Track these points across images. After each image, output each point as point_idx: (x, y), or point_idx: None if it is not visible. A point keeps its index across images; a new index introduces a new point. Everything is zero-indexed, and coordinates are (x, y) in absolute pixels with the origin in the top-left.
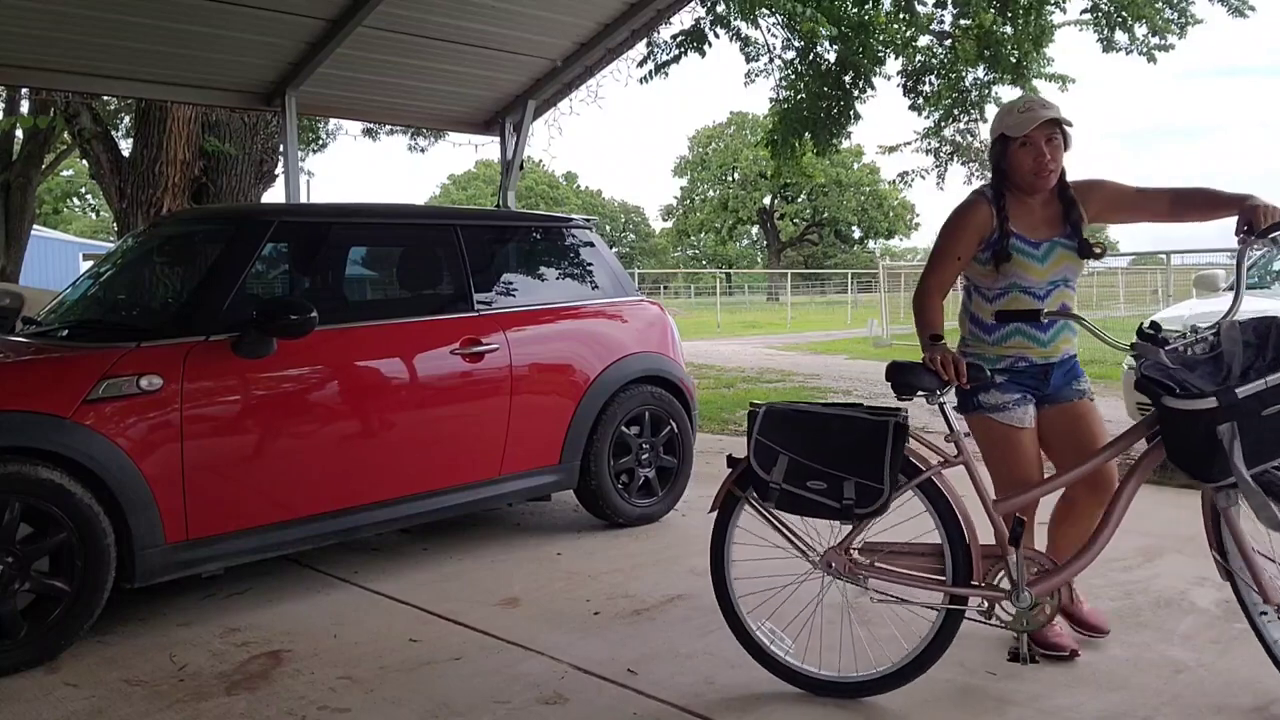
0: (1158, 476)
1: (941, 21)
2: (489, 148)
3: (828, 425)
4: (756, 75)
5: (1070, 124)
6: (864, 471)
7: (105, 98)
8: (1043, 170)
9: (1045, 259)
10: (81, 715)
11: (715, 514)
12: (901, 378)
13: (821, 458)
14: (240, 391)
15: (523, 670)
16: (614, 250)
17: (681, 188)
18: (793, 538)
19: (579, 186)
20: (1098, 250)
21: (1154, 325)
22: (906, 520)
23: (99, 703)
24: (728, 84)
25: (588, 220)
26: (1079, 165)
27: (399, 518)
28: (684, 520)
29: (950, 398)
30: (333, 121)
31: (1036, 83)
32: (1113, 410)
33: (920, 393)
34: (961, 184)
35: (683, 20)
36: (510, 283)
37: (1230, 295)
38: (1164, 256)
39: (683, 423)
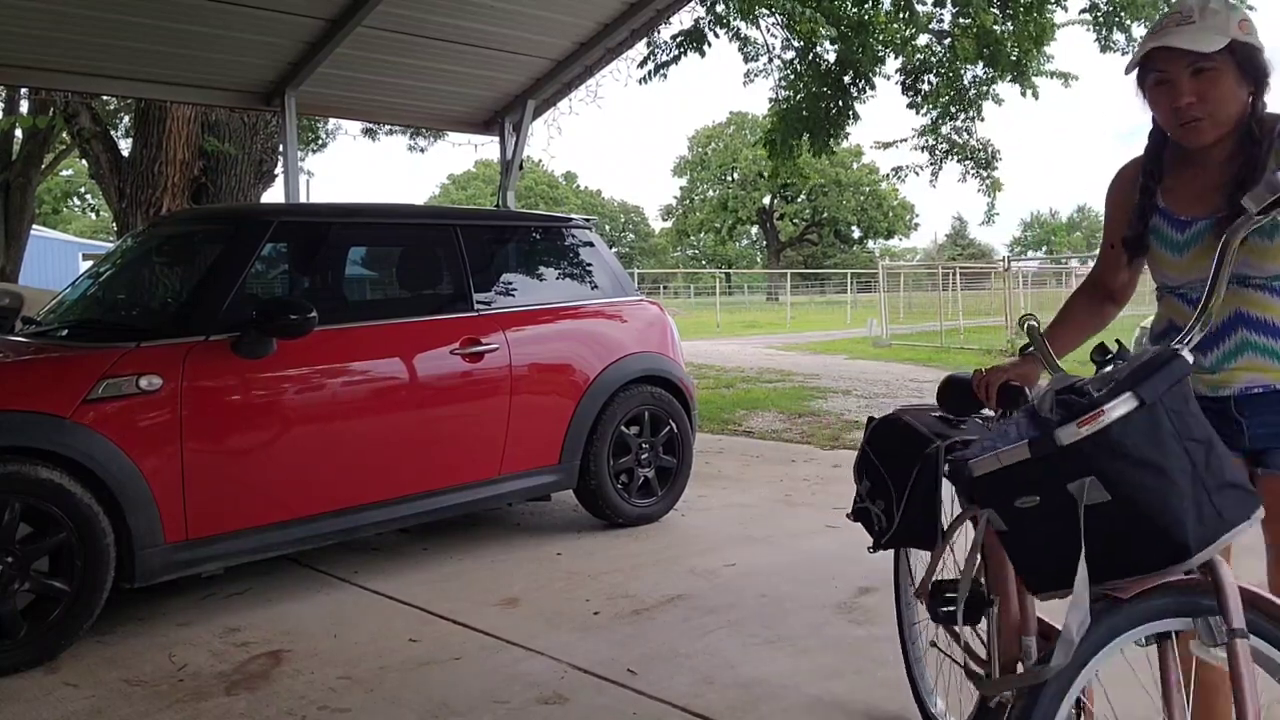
0: None
1: (941, 20)
2: (489, 148)
3: (901, 437)
4: (756, 75)
5: (1216, 48)
6: (893, 497)
7: (105, 98)
8: (1186, 118)
9: (1187, 247)
10: (81, 715)
11: None
12: (946, 397)
13: (887, 473)
14: (240, 391)
15: (523, 670)
16: (613, 250)
17: (681, 188)
18: (904, 563)
19: (578, 186)
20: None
21: (1119, 344)
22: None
23: (99, 703)
24: (728, 84)
25: (587, 220)
26: (1076, 165)
27: (399, 518)
28: (684, 520)
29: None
30: (332, 121)
31: (1038, 80)
32: None
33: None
34: (956, 181)
35: (682, 20)
36: (510, 283)
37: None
38: None
39: (682, 423)
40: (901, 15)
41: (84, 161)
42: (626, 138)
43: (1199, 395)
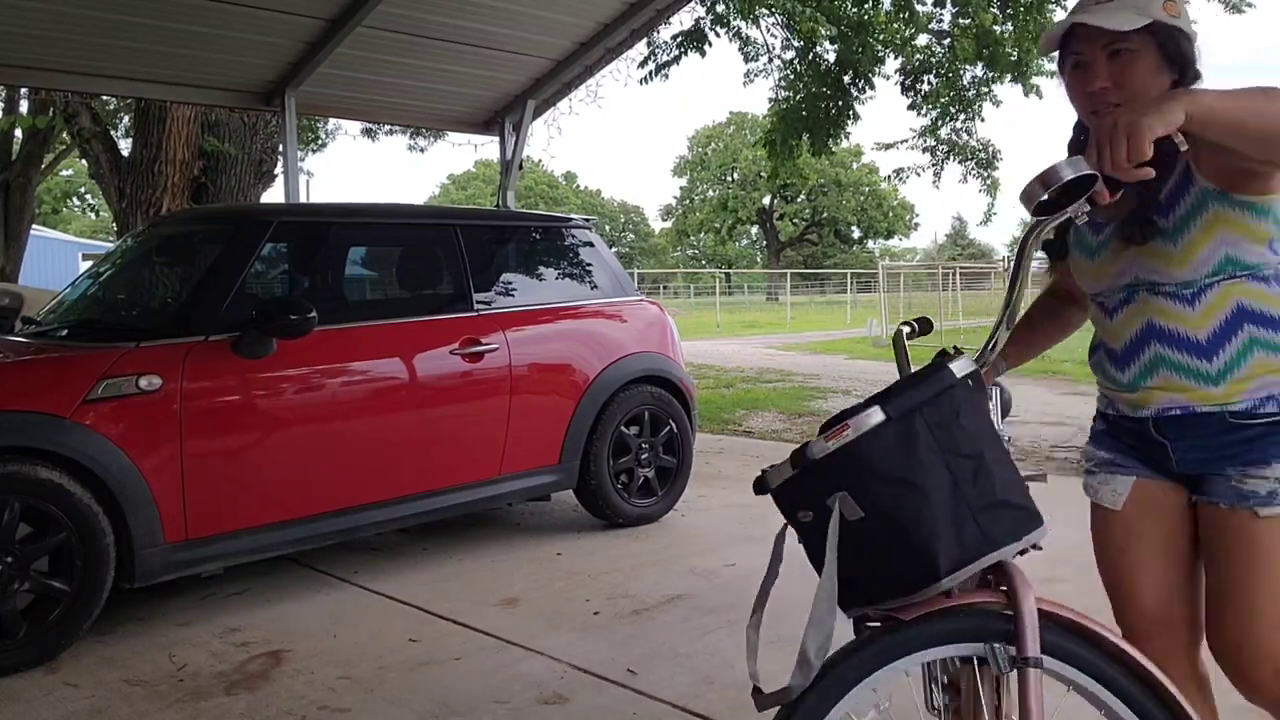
0: None
1: (940, 20)
2: (489, 148)
3: None
4: (756, 75)
5: (1134, 26)
6: None
7: (105, 98)
8: (1099, 104)
9: (1098, 251)
10: (81, 715)
11: None
12: None
13: None
14: (240, 391)
15: (523, 670)
16: (613, 250)
17: (681, 188)
18: None
19: (578, 186)
20: (1136, 231)
21: (955, 349)
22: None
23: (99, 703)
24: (728, 84)
25: (587, 220)
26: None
27: (399, 518)
28: (683, 520)
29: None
30: (332, 121)
31: (1038, 80)
32: None
33: None
34: (957, 182)
35: (682, 20)
36: (510, 283)
37: None
38: None
39: (682, 423)
40: (901, 15)
41: (84, 161)
42: (626, 138)
43: (1123, 415)
